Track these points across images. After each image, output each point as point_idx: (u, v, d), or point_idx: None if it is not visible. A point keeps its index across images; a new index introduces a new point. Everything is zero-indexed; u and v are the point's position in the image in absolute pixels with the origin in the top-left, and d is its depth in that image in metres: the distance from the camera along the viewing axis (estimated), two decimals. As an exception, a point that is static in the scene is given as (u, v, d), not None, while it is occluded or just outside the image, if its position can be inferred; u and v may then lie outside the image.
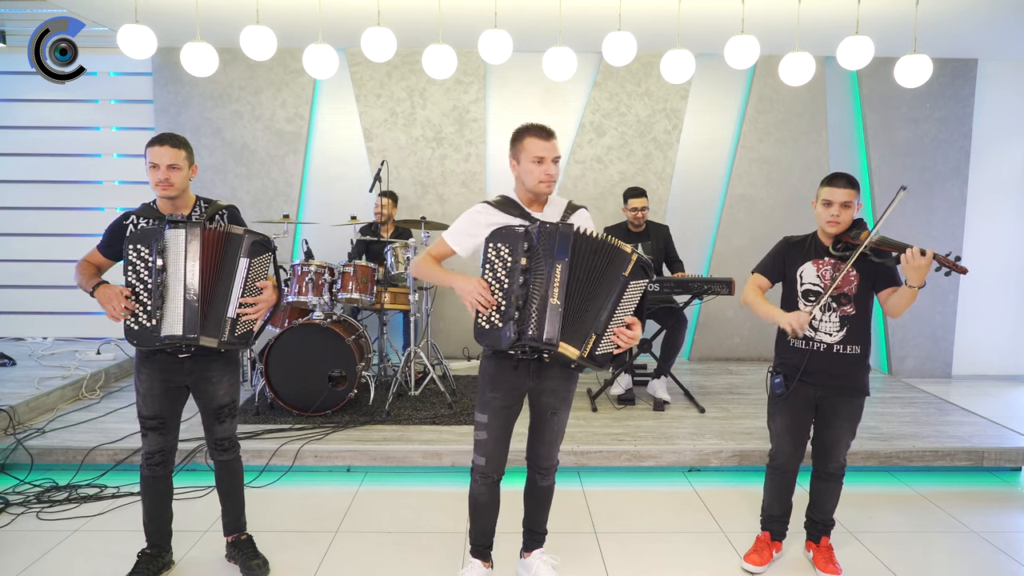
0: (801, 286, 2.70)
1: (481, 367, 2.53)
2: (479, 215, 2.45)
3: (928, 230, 5.92)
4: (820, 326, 2.66)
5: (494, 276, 2.33)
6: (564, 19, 4.60)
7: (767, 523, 2.92)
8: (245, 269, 2.52)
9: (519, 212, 2.44)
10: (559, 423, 2.54)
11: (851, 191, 2.59)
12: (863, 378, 2.69)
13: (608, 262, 2.33)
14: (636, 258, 2.32)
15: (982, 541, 3.13)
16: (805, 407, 2.73)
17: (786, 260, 2.76)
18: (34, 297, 6.18)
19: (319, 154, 5.98)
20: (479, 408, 2.49)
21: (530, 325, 2.27)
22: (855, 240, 2.60)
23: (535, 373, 2.44)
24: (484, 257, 2.35)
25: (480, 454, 2.50)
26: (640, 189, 4.76)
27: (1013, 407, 5.17)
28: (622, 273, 2.31)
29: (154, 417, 2.58)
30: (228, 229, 2.54)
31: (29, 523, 3.17)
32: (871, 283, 2.64)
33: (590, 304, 2.32)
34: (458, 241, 2.48)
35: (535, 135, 2.41)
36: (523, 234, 2.31)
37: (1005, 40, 5.34)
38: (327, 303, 4.34)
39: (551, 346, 2.28)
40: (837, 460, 2.76)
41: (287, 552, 2.92)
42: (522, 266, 2.28)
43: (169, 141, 2.50)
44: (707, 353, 6.16)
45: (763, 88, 5.92)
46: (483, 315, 2.33)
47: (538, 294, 2.28)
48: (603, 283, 2.32)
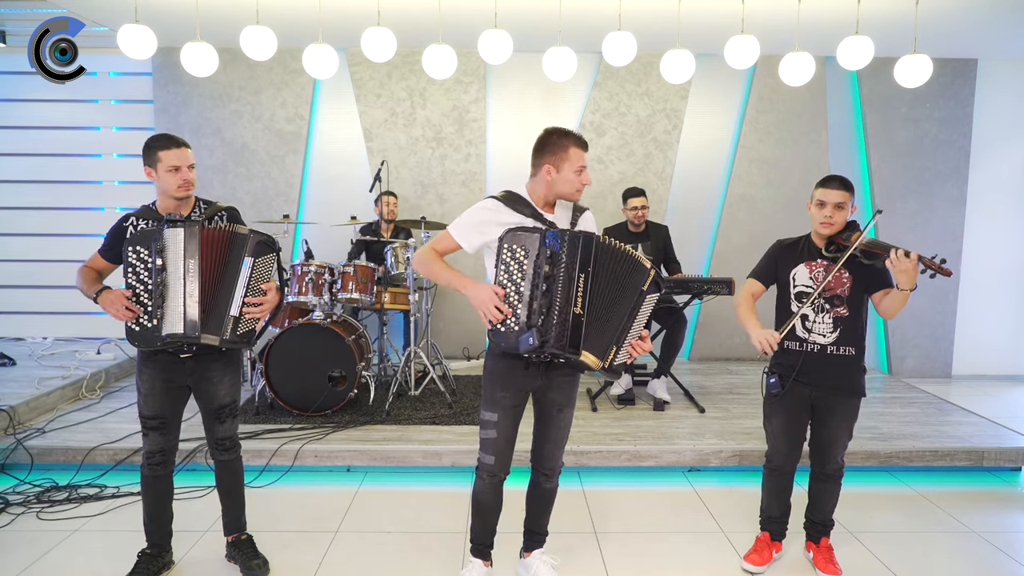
0: (794, 288, 2.71)
1: (487, 365, 2.51)
2: (490, 212, 2.40)
3: (928, 230, 5.92)
4: (813, 327, 2.67)
5: (509, 278, 2.30)
6: (564, 19, 4.60)
7: (766, 524, 2.92)
8: (249, 268, 2.53)
9: (531, 212, 2.41)
10: (564, 421, 2.54)
11: (844, 193, 2.60)
12: (858, 379, 2.70)
13: (628, 274, 2.33)
14: (654, 273, 2.33)
15: (982, 541, 3.13)
16: (801, 407, 2.73)
17: (779, 263, 2.76)
18: (34, 297, 6.18)
19: (319, 154, 5.98)
20: (486, 406, 2.47)
21: (553, 334, 2.27)
22: (847, 242, 2.61)
23: (544, 373, 2.43)
24: (498, 258, 2.32)
25: (489, 453, 2.48)
26: (639, 189, 4.76)
27: (1013, 407, 5.17)
28: (641, 287, 2.32)
29: (155, 417, 2.58)
30: (234, 228, 2.55)
31: (29, 523, 3.17)
32: (864, 285, 2.65)
33: (611, 314, 2.32)
34: (466, 237, 2.43)
35: (579, 146, 2.39)
36: (540, 238, 2.28)
37: (1005, 40, 5.34)
38: (327, 303, 4.34)
39: (575, 355, 2.28)
40: (835, 461, 2.76)
41: (287, 552, 2.92)
42: (545, 272, 2.26)
43: (183, 143, 2.55)
44: (707, 353, 6.16)
45: (763, 88, 5.92)
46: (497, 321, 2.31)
47: (560, 302, 2.27)
48: (624, 294, 2.33)
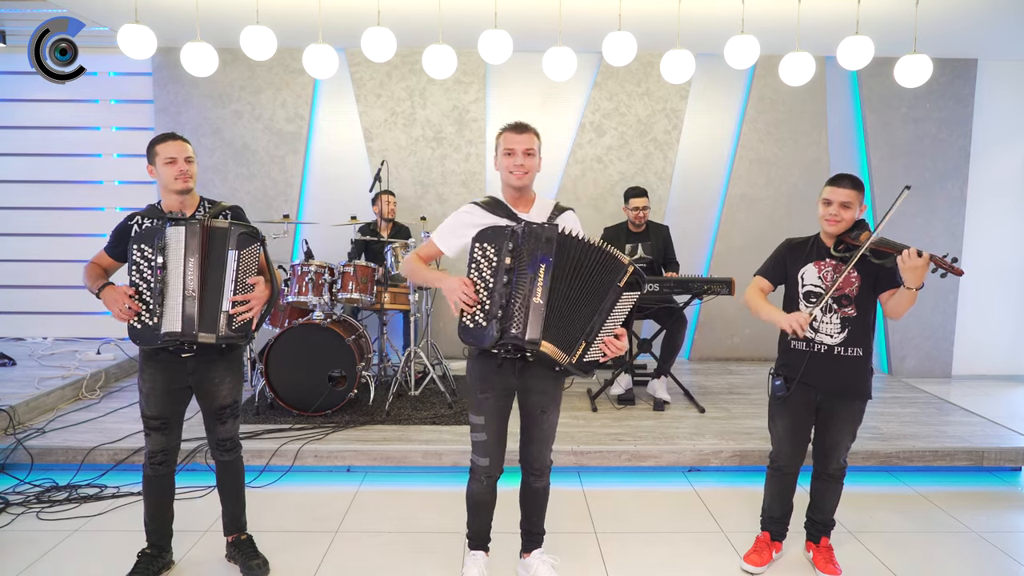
0: (802, 288, 2.70)
1: (468, 368, 2.55)
2: (466, 215, 2.48)
3: (928, 230, 5.92)
4: (821, 327, 2.66)
5: (479, 275, 2.34)
6: (564, 19, 4.60)
7: (767, 524, 2.92)
8: (235, 261, 2.53)
9: (505, 212, 2.46)
10: (549, 423, 2.54)
11: (852, 192, 2.59)
12: (865, 382, 2.68)
13: (601, 268, 2.33)
14: (633, 270, 2.32)
15: (982, 541, 3.13)
16: (806, 410, 2.73)
17: (787, 262, 2.76)
18: (34, 297, 6.18)
19: (319, 154, 5.98)
20: (474, 410, 2.51)
21: (512, 324, 2.28)
22: (856, 241, 2.60)
23: (519, 372, 2.44)
24: (470, 256, 2.37)
25: (482, 455, 2.51)
26: (641, 189, 4.76)
27: (1013, 407, 5.17)
28: (616, 283, 2.31)
29: (157, 417, 2.59)
30: (211, 223, 2.55)
31: (29, 523, 3.17)
32: (872, 285, 2.64)
33: (578, 308, 2.33)
34: (445, 241, 2.52)
35: (509, 130, 2.48)
36: (509, 234, 2.32)
37: (1005, 40, 5.34)
38: (327, 303, 4.34)
39: (533, 345, 2.28)
40: (837, 462, 2.75)
41: (287, 552, 2.92)
42: (506, 265, 2.29)
43: (180, 137, 2.59)
44: (707, 353, 6.16)
45: (763, 88, 5.91)
46: (467, 314, 2.34)
47: (521, 293, 2.29)
48: (594, 289, 2.33)
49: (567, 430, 4.00)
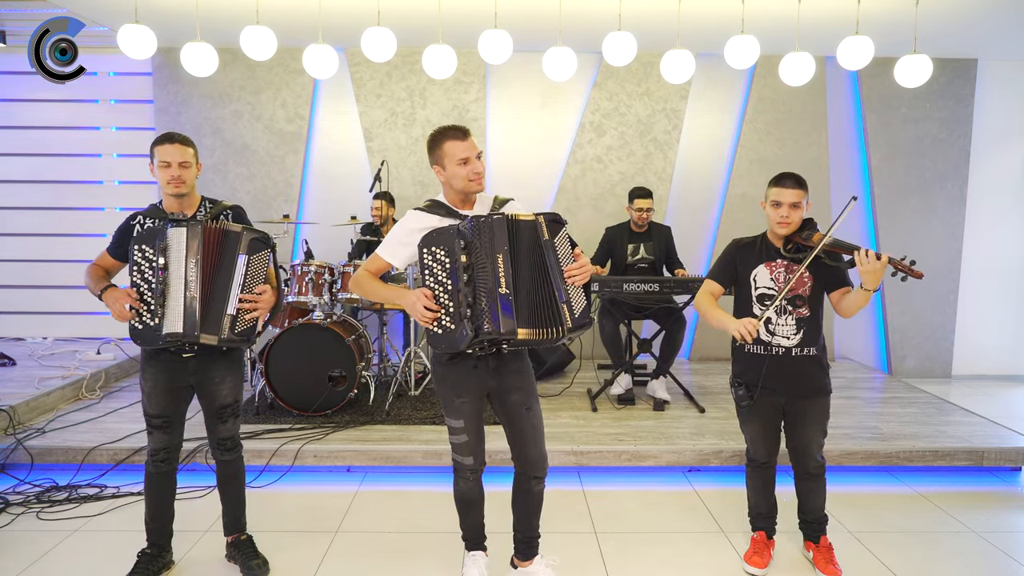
0: (756, 290, 2.68)
1: (435, 373, 2.49)
2: (411, 222, 2.43)
3: (928, 230, 5.92)
4: (777, 330, 2.65)
5: (436, 280, 2.29)
6: (564, 19, 4.60)
7: (757, 522, 2.92)
8: (244, 266, 2.53)
9: (447, 211, 2.42)
10: (537, 416, 2.51)
11: (799, 191, 2.57)
12: (824, 378, 2.70)
13: (539, 235, 2.31)
14: (541, 218, 2.32)
15: (982, 541, 3.13)
16: (773, 412, 2.74)
17: (737, 263, 2.73)
18: (34, 297, 6.18)
19: (319, 154, 5.98)
20: (450, 414, 2.46)
21: (485, 319, 2.25)
22: (807, 241, 2.59)
23: (495, 370, 2.42)
24: (421, 264, 2.31)
25: (466, 454, 2.50)
26: (647, 190, 4.76)
27: (1013, 407, 5.17)
28: (545, 238, 2.30)
29: (159, 415, 2.59)
30: (225, 226, 2.55)
31: (29, 523, 3.17)
32: (823, 284, 2.64)
33: (543, 285, 2.30)
34: (392, 253, 2.46)
35: (453, 137, 2.37)
36: (456, 232, 2.27)
37: (1005, 40, 5.34)
38: (327, 303, 4.34)
39: (511, 335, 2.25)
40: (814, 459, 2.75)
41: (287, 552, 2.92)
42: (463, 263, 2.25)
43: (179, 140, 2.56)
44: (707, 353, 6.16)
45: (763, 88, 5.91)
46: (432, 322, 2.30)
47: (485, 287, 2.25)
48: (547, 259, 2.30)
49: (567, 430, 4.00)
